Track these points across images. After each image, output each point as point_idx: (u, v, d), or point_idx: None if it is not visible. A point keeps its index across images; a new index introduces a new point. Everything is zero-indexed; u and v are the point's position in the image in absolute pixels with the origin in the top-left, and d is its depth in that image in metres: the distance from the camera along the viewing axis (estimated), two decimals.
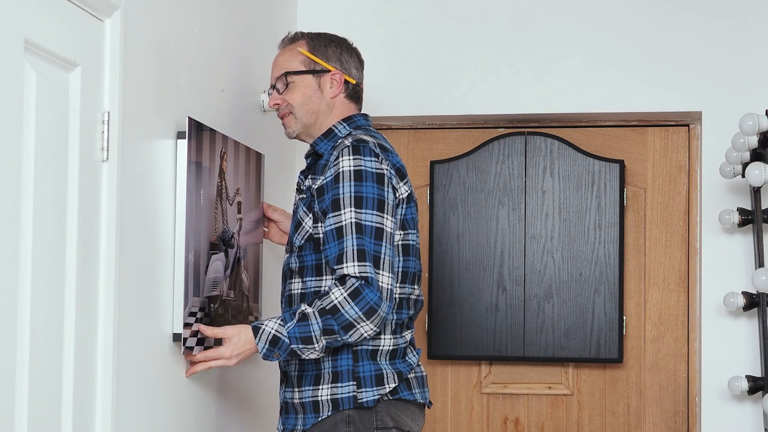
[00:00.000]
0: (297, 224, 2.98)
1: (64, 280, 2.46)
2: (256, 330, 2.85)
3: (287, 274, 3.02)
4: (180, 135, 2.99)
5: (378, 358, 2.90)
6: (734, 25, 3.89)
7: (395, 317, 2.92)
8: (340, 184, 2.83)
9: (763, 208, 3.73)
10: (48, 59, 2.41)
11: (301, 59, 3.08)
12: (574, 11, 3.98)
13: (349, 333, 2.78)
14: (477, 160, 4.05)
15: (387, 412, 2.88)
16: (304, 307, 2.81)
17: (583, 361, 4.00)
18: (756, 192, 3.74)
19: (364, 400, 2.86)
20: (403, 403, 2.91)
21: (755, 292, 3.70)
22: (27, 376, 2.30)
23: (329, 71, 3.06)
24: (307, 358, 2.84)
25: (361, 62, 3.14)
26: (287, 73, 3.07)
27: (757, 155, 3.60)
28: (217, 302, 3.18)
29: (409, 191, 2.93)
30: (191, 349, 3.00)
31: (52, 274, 2.41)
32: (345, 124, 3.04)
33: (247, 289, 3.42)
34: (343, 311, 2.76)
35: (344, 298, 2.76)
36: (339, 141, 2.96)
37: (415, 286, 2.99)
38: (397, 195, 2.90)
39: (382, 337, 2.91)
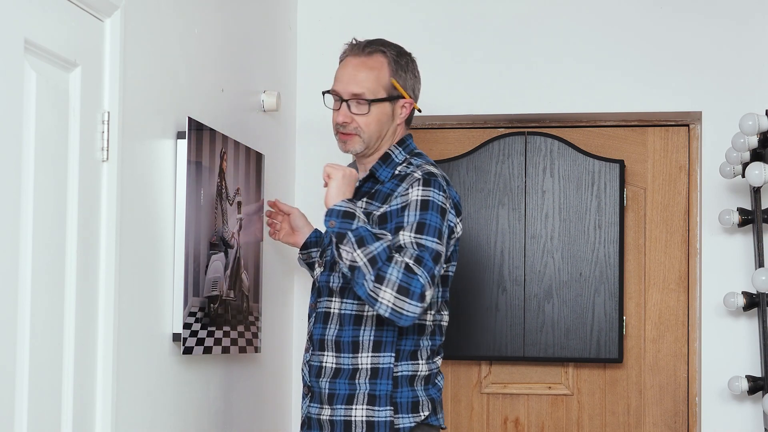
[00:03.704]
0: None
1: (64, 280, 2.46)
2: (351, 202, 2.82)
3: (324, 290, 3.00)
4: (180, 135, 2.99)
5: (414, 384, 2.93)
6: (734, 25, 3.89)
7: (430, 344, 2.97)
8: (406, 213, 2.83)
9: (763, 208, 3.73)
10: (48, 59, 2.41)
11: (384, 84, 3.00)
12: (574, 11, 3.98)
13: (376, 285, 2.71)
14: (477, 160, 4.05)
15: None
16: (388, 237, 2.78)
17: (583, 361, 4.00)
18: (756, 192, 3.74)
19: (401, 426, 2.89)
20: (428, 427, 2.96)
21: (755, 292, 3.70)
22: (27, 376, 2.30)
23: (404, 98, 3.03)
24: (339, 251, 2.76)
25: (420, 81, 3.10)
26: (370, 100, 2.97)
27: (757, 155, 3.60)
28: (217, 302, 3.18)
29: (462, 227, 2.99)
30: (191, 349, 3.00)
31: (52, 274, 2.41)
32: (400, 149, 3.03)
33: (247, 289, 3.42)
34: (391, 265, 2.72)
35: (404, 262, 2.73)
36: (399, 168, 2.97)
37: (444, 313, 3.03)
38: (455, 234, 2.94)
39: (420, 362, 2.94)
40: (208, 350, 3.10)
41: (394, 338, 2.91)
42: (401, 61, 3.04)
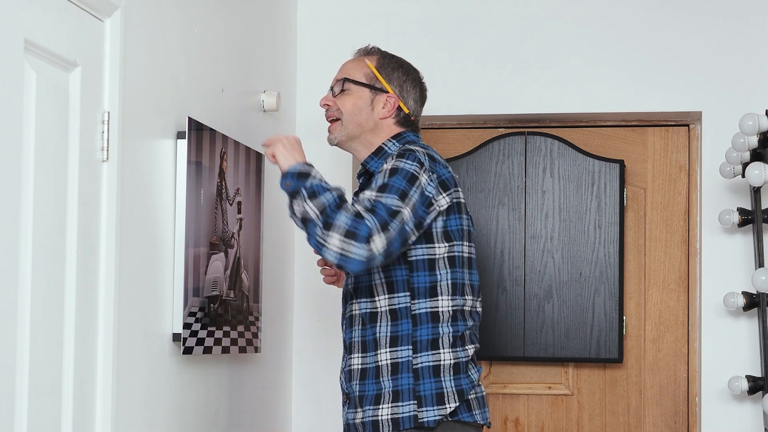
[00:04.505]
0: None
1: (64, 280, 2.46)
2: (307, 165, 2.80)
3: (347, 296, 2.98)
4: (180, 135, 2.99)
5: (441, 374, 2.86)
6: (734, 25, 3.89)
7: (451, 330, 2.89)
8: (374, 181, 2.82)
9: (763, 208, 3.73)
10: (48, 59, 2.41)
11: (366, 72, 3.04)
12: (574, 11, 3.98)
13: (324, 231, 2.68)
14: (477, 160, 4.05)
15: None
16: (342, 189, 2.77)
17: (583, 361, 4.00)
18: (756, 192, 3.74)
19: (425, 419, 2.83)
20: (462, 424, 2.88)
21: (755, 292, 3.70)
22: (27, 376, 2.30)
23: (386, 92, 3.03)
24: (292, 206, 2.74)
25: (423, 97, 3.11)
26: (346, 79, 3.03)
27: (757, 155, 3.60)
28: (217, 302, 3.18)
29: (451, 202, 2.88)
30: (191, 349, 3.00)
31: (52, 274, 2.41)
32: (394, 141, 3.01)
33: (247, 289, 3.42)
34: (340, 212, 2.68)
35: (355, 210, 2.69)
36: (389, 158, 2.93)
37: (468, 297, 2.95)
38: (435, 207, 2.85)
39: (441, 351, 2.87)
40: (208, 350, 3.11)
41: (410, 330, 2.88)
42: (392, 59, 3.08)
